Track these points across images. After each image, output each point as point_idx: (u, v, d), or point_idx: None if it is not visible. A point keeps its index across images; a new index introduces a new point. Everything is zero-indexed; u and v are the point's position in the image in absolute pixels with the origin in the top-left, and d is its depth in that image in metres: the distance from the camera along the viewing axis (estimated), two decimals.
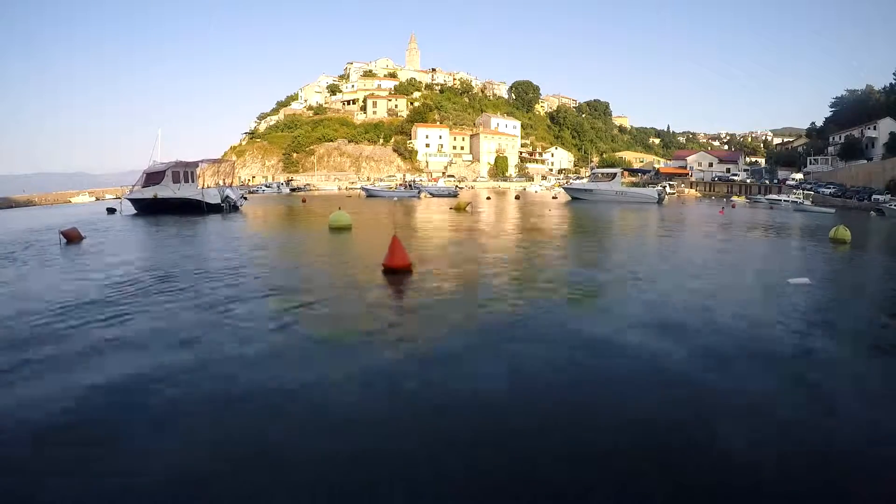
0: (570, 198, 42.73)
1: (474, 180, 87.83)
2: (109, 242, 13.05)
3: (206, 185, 28.42)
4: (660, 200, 38.31)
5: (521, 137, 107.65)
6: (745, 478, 2.58)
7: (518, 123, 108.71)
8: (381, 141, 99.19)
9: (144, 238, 14.86)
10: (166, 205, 23.16)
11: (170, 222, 18.63)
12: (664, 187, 54.35)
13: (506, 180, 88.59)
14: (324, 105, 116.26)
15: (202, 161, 26.88)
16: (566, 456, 2.74)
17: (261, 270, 8.44)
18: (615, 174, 42.62)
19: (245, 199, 27.40)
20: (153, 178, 24.64)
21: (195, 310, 5.74)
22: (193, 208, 22.99)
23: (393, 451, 2.78)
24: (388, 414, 3.23)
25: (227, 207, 24.30)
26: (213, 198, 23.94)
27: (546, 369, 3.99)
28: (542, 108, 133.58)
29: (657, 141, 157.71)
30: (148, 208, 23.65)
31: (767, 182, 66.94)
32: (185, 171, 25.18)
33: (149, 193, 23.82)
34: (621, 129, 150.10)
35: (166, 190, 23.79)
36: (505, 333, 4.91)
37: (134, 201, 24.42)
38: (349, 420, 3.15)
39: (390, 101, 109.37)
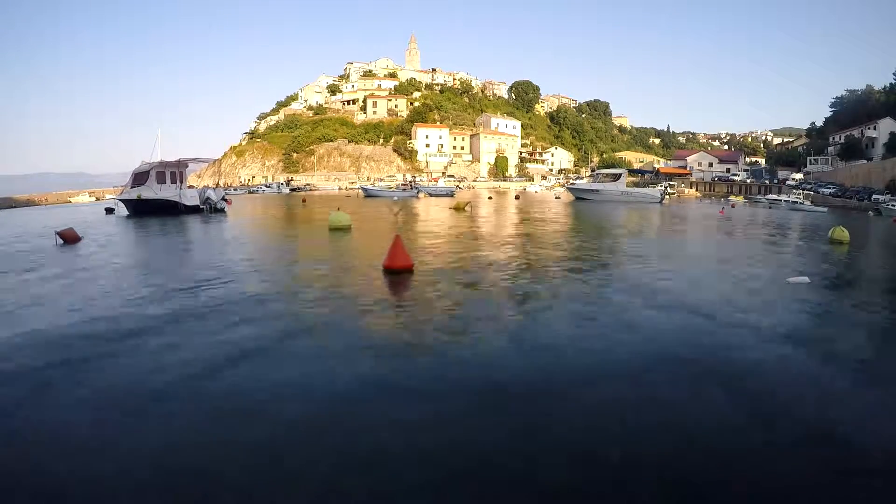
0: (573, 197, 42.79)
1: (474, 180, 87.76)
2: (101, 244, 13.06)
3: (205, 186, 28.26)
4: (661, 200, 39.32)
5: (521, 137, 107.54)
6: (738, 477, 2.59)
7: (518, 123, 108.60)
8: (381, 141, 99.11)
9: (135, 240, 14.85)
10: (148, 206, 23.19)
11: (152, 223, 18.52)
12: (665, 188, 54.67)
13: (506, 180, 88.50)
14: (324, 105, 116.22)
15: (192, 161, 26.60)
16: (567, 454, 2.75)
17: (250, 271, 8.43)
18: (620, 175, 42.82)
19: (225, 200, 27.15)
20: (139, 178, 24.61)
21: (182, 314, 5.74)
22: (170, 209, 22.96)
23: (391, 451, 2.79)
24: (387, 414, 3.24)
25: (207, 209, 24.03)
26: (191, 199, 23.76)
27: (549, 366, 3.99)
28: (542, 108, 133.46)
29: (657, 141, 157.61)
30: (135, 209, 23.70)
31: (767, 182, 66.94)
32: (170, 172, 25.01)
33: (134, 194, 23.79)
34: (621, 129, 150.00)
35: (149, 191, 23.76)
36: (506, 330, 4.92)
37: (125, 202, 24.44)
38: (349, 419, 3.15)
39: (390, 101, 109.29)
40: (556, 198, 46.14)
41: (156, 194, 23.63)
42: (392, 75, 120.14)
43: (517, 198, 44.45)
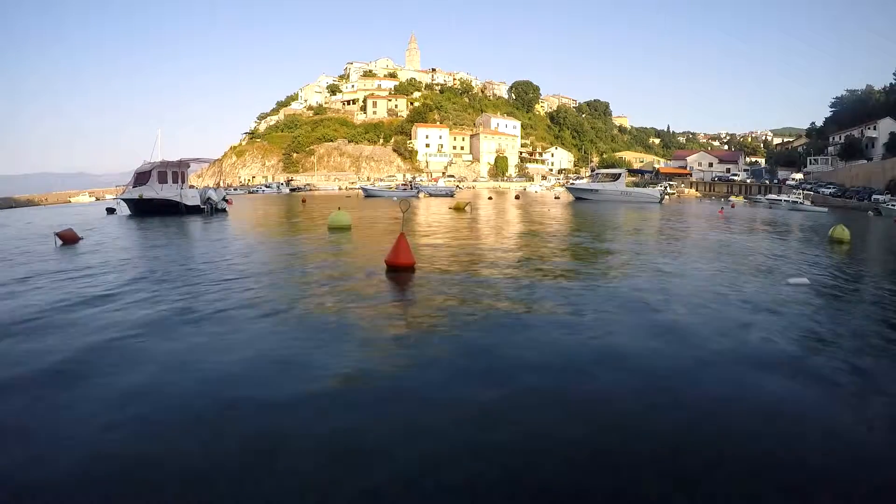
0: (573, 197, 42.79)
1: (474, 180, 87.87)
2: (104, 244, 13.05)
3: (205, 186, 28.27)
4: (660, 200, 39.30)
5: (521, 137, 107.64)
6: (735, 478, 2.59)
7: (518, 123, 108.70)
8: (381, 141, 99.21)
9: (138, 239, 14.85)
10: (150, 205, 23.22)
11: (156, 223, 18.52)
12: (665, 188, 54.75)
13: (506, 180, 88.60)
14: (324, 105, 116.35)
15: (193, 161, 26.65)
16: (567, 456, 2.75)
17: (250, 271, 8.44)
18: (619, 174, 42.84)
19: (226, 200, 27.13)
20: (141, 178, 24.68)
21: (184, 311, 5.74)
22: (171, 209, 22.98)
23: (392, 450, 2.79)
24: (388, 413, 3.24)
25: (208, 209, 24.02)
26: (192, 199, 23.75)
27: (548, 366, 4.00)
28: (542, 108, 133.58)
29: (657, 141, 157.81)
30: (137, 209, 23.75)
31: (767, 182, 67.01)
32: (172, 172, 25.05)
33: (136, 194, 23.87)
34: (621, 129, 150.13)
35: (150, 191, 23.79)
36: (507, 331, 4.92)
37: (126, 202, 24.54)
38: (351, 418, 3.16)
39: (390, 101, 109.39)
40: (555, 198, 46.16)
41: (157, 194, 23.64)
42: (392, 75, 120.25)
43: (517, 198, 44.46)
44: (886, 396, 3.66)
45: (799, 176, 69.05)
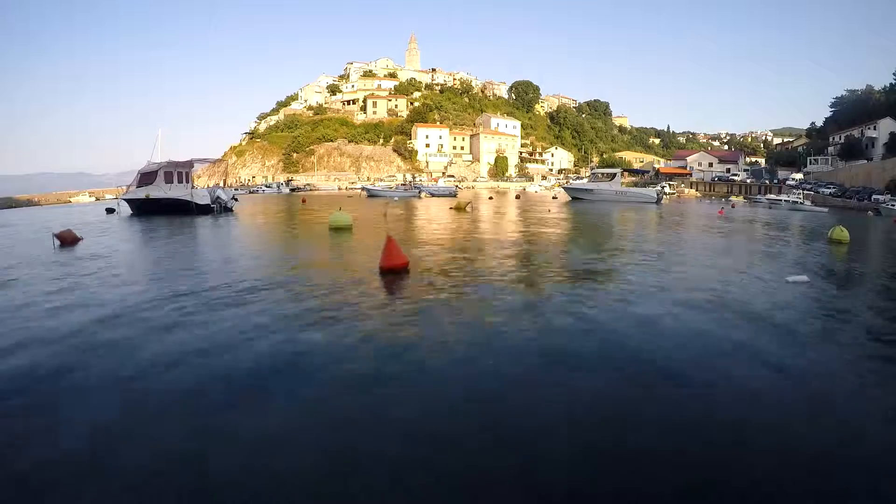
0: (570, 198, 42.81)
1: (474, 180, 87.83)
2: (105, 245, 13.06)
3: (205, 186, 28.31)
4: (658, 200, 38.93)
5: (521, 137, 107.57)
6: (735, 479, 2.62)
7: (518, 123, 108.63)
8: (381, 141, 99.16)
9: (141, 241, 14.88)
10: (158, 205, 23.12)
11: (162, 223, 18.54)
12: (663, 187, 54.66)
13: (506, 180, 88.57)
14: (324, 105, 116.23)
15: (197, 161, 26.66)
16: (566, 453, 2.78)
17: (255, 270, 8.47)
18: (615, 174, 42.81)
19: (235, 199, 27.17)
20: (146, 178, 24.63)
21: (187, 313, 5.77)
22: (182, 209, 22.91)
23: (387, 451, 2.82)
24: (385, 413, 3.27)
25: (217, 208, 24.09)
26: (203, 198, 23.76)
27: (545, 364, 4.03)
28: (542, 108, 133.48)
29: (657, 141, 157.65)
30: (142, 208, 23.68)
31: (767, 182, 66.92)
32: (178, 172, 25.04)
33: (141, 194, 23.82)
34: (621, 129, 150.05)
35: (158, 190, 23.74)
36: (505, 327, 4.95)
37: (129, 201, 24.46)
38: (346, 419, 3.19)
39: (390, 101, 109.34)
40: (553, 198, 46.25)
41: (165, 193, 23.62)
42: (392, 75, 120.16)
43: (517, 197, 44.59)
44: (886, 394, 3.69)
45: (799, 176, 68.97)
